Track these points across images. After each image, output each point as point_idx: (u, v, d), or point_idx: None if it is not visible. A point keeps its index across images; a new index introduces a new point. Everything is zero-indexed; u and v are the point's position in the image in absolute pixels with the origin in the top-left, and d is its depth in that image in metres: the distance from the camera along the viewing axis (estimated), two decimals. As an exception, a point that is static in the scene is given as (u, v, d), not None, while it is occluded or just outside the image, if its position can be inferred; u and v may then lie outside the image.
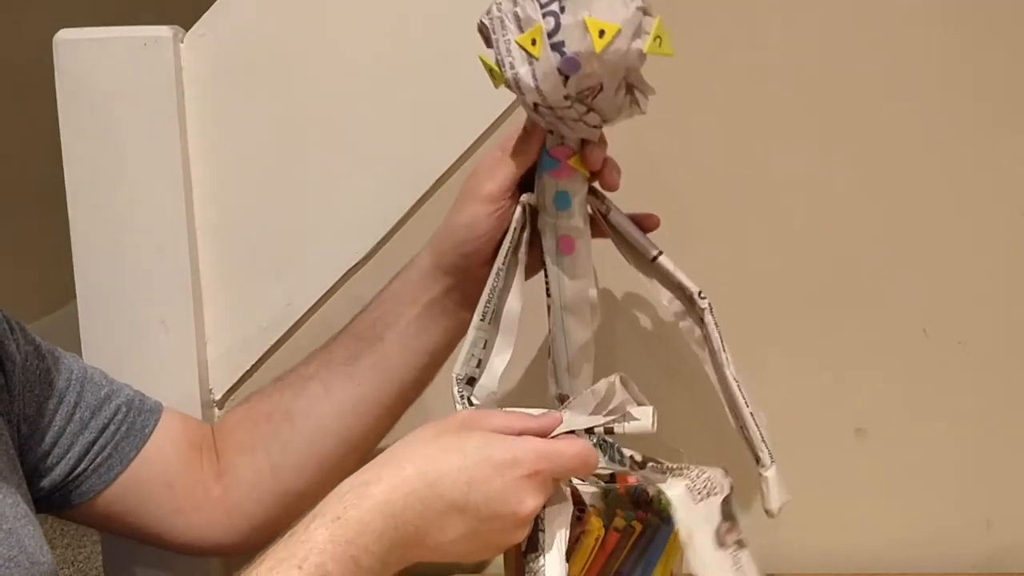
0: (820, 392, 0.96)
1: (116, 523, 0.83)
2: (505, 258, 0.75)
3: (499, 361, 0.75)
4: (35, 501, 0.78)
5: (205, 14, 0.91)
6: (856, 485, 0.97)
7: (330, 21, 0.91)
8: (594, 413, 0.71)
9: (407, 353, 0.79)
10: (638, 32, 0.66)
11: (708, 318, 0.75)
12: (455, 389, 0.74)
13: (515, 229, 0.75)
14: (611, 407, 0.71)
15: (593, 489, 0.75)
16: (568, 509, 0.71)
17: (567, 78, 0.67)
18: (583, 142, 0.73)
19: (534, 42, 0.67)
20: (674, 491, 0.74)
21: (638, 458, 0.81)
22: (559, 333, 0.76)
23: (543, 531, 0.70)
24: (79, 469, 0.80)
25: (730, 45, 0.91)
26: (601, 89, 0.68)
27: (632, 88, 0.70)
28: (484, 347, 0.75)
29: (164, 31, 0.90)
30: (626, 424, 0.70)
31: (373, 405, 0.82)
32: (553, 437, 0.68)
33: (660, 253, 0.76)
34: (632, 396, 0.72)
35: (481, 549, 0.67)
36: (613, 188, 0.75)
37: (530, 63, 0.67)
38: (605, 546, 0.75)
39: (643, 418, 0.70)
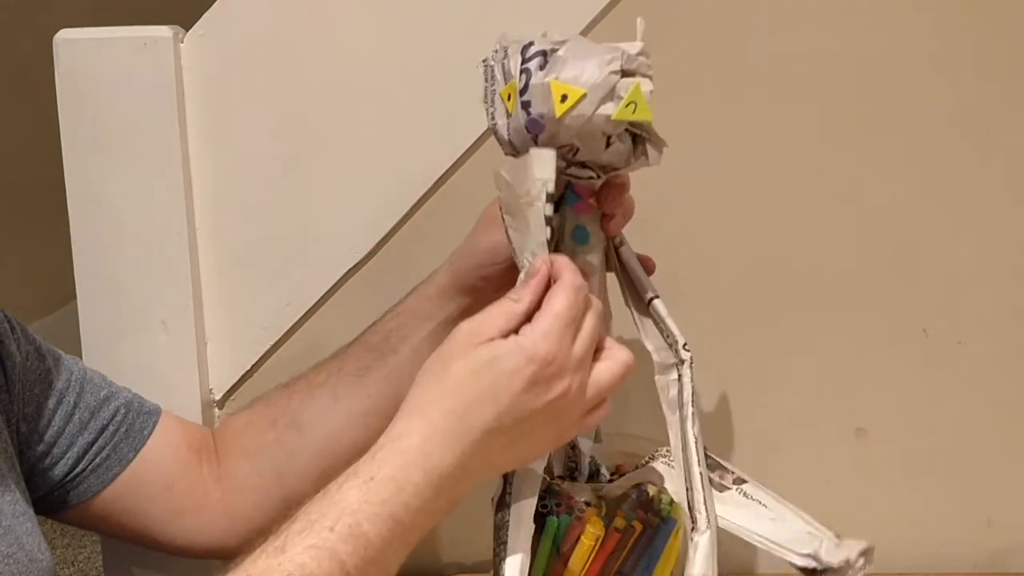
0: (820, 392, 0.96)
1: (114, 525, 0.83)
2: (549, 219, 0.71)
3: None
4: (33, 502, 0.78)
5: (205, 14, 0.91)
6: (856, 485, 0.97)
7: (330, 21, 0.91)
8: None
9: (419, 367, 0.78)
10: (609, 97, 0.65)
11: (685, 371, 0.72)
12: None
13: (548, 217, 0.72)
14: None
15: (589, 490, 0.75)
16: (537, 478, 0.71)
17: (535, 137, 0.66)
18: (603, 182, 0.72)
19: (509, 97, 0.67)
20: (655, 475, 0.74)
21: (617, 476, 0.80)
22: None
23: (510, 493, 0.70)
24: (77, 469, 0.80)
25: (732, 49, 0.91)
26: (575, 151, 0.67)
27: (643, 140, 0.69)
28: None
29: (164, 31, 0.90)
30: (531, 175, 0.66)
31: (383, 417, 0.81)
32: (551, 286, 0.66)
33: (656, 296, 0.74)
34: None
35: (547, 442, 0.67)
36: (612, 234, 0.74)
37: (507, 117, 0.67)
38: (605, 546, 0.75)
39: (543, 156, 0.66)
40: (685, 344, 0.72)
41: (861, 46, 0.91)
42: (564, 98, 0.64)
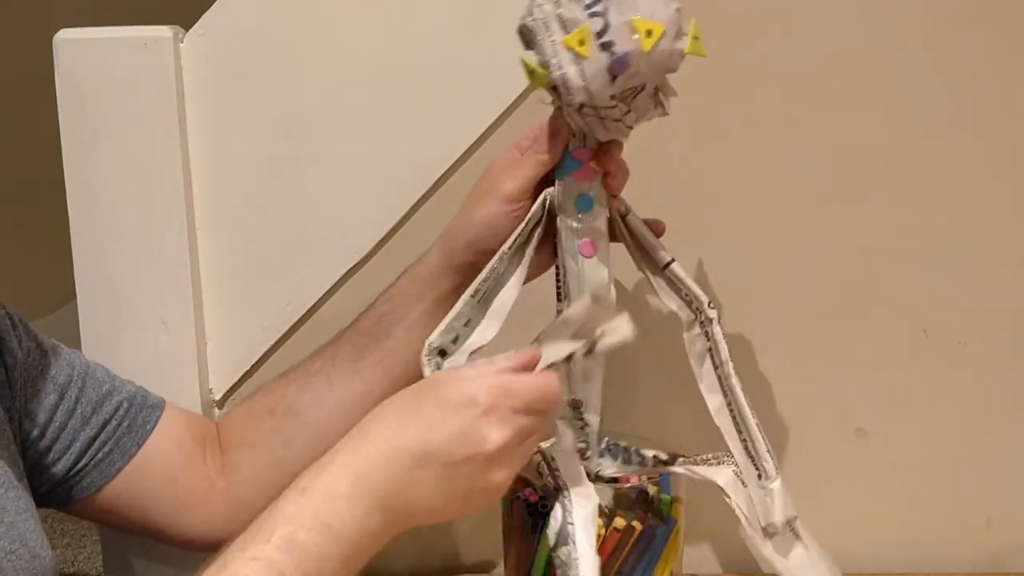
0: (820, 392, 0.96)
1: (119, 518, 0.83)
2: (512, 245, 0.75)
3: (476, 341, 0.75)
4: (37, 497, 0.78)
5: (205, 14, 0.91)
6: (856, 485, 0.97)
7: (330, 21, 0.91)
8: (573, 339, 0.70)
9: (413, 350, 0.78)
10: (679, 33, 0.68)
11: (715, 328, 0.75)
12: (424, 355, 0.75)
13: (530, 221, 0.75)
14: (593, 327, 0.70)
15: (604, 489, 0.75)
16: (593, 500, 0.71)
17: (615, 78, 0.68)
18: (600, 142, 0.73)
19: (582, 42, 0.67)
20: (722, 478, 0.75)
21: (663, 456, 0.80)
22: None
23: (572, 524, 0.70)
24: (80, 464, 0.80)
25: (738, 51, 0.91)
26: (642, 89, 0.69)
27: (657, 90, 0.71)
28: (466, 325, 0.76)
29: (164, 31, 0.90)
30: (604, 341, 0.69)
31: (377, 401, 0.81)
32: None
33: (672, 260, 0.76)
34: (607, 312, 0.71)
35: (465, 499, 0.66)
36: (615, 192, 0.75)
37: (578, 63, 0.68)
38: (605, 546, 0.75)
39: (620, 326, 0.69)
40: (710, 302, 0.75)
41: (861, 46, 0.91)
42: (649, 33, 0.66)
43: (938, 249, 0.94)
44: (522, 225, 0.75)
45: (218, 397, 0.96)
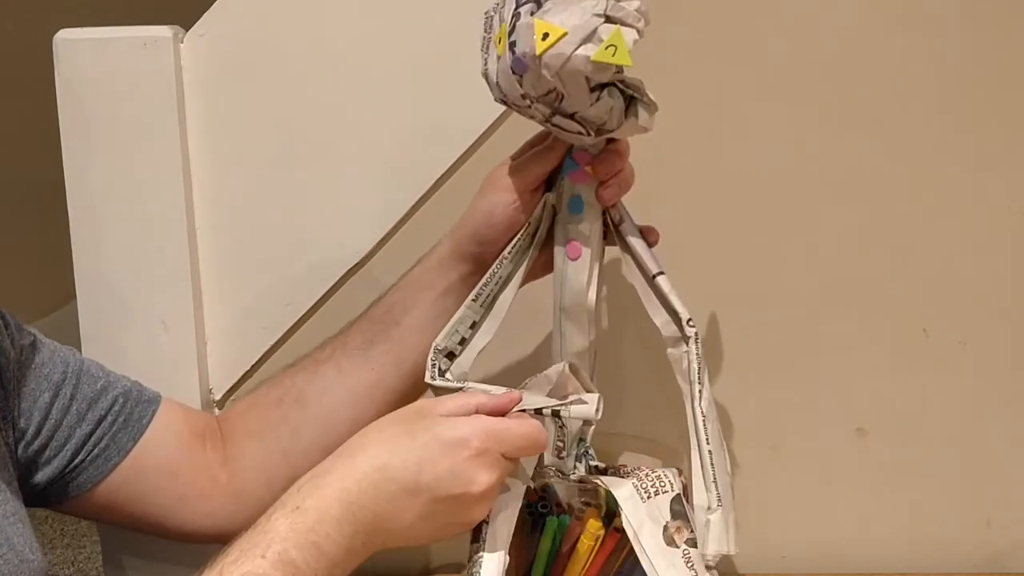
0: (820, 392, 0.96)
1: (119, 513, 0.83)
2: (513, 248, 0.75)
3: (480, 343, 0.77)
4: (33, 495, 0.78)
5: (205, 14, 0.91)
6: (856, 485, 0.97)
7: (330, 21, 0.91)
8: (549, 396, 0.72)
9: (423, 338, 0.79)
10: (589, 38, 0.66)
11: (691, 347, 0.73)
12: (430, 357, 0.75)
13: (531, 224, 0.76)
14: (563, 392, 0.72)
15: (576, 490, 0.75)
16: (516, 504, 0.72)
17: (521, 77, 0.68)
18: (599, 149, 0.74)
19: (500, 40, 0.69)
20: (621, 491, 0.74)
21: (601, 466, 0.80)
22: (557, 335, 0.77)
23: (487, 522, 0.71)
24: (76, 461, 0.80)
25: (730, 48, 0.91)
26: (562, 97, 0.68)
27: (635, 101, 0.70)
28: (472, 327, 0.77)
29: (164, 31, 0.90)
30: (571, 408, 0.71)
31: (387, 390, 0.82)
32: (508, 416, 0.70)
33: (660, 273, 0.75)
34: (581, 384, 0.74)
35: (442, 529, 0.69)
36: (605, 202, 0.75)
37: (497, 61, 0.69)
38: (605, 546, 0.75)
39: (589, 403, 0.71)
40: (689, 320, 0.73)
41: (862, 45, 0.91)
42: (545, 36, 0.66)
43: (938, 249, 0.94)
44: (523, 228, 0.76)
45: (218, 397, 0.96)
